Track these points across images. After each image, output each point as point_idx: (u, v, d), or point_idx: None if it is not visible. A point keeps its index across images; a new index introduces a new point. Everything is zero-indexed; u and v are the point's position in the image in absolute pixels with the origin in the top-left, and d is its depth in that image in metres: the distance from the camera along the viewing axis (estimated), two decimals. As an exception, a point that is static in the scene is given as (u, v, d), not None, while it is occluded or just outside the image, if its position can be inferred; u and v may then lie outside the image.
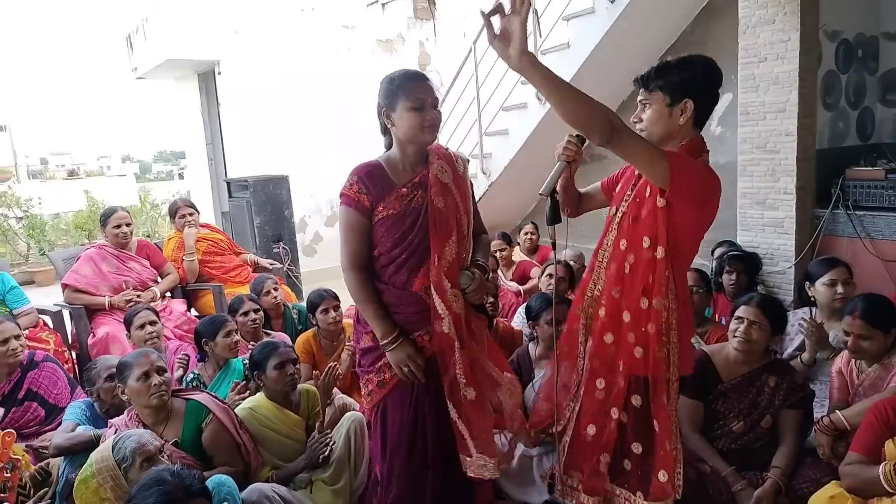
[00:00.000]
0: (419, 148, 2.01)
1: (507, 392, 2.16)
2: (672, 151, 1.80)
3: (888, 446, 1.97)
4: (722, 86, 1.89)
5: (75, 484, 2.09)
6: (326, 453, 2.50)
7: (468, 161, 2.18)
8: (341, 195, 1.99)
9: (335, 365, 2.89)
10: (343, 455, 2.57)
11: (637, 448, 1.91)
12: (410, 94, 1.92)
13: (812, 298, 3.08)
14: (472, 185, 2.16)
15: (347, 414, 2.72)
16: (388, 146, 2.07)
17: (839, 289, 2.95)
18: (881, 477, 1.89)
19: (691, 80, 1.82)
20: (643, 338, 1.86)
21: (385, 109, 1.97)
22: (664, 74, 1.83)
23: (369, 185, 1.98)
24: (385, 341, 1.98)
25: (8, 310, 3.80)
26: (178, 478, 1.69)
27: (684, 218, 1.81)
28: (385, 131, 2.05)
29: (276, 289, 3.95)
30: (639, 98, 1.89)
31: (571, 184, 2.12)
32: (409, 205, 1.98)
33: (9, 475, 1.96)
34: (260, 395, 2.68)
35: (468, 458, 2.01)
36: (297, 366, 2.69)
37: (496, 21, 1.57)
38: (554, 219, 1.90)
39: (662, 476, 1.85)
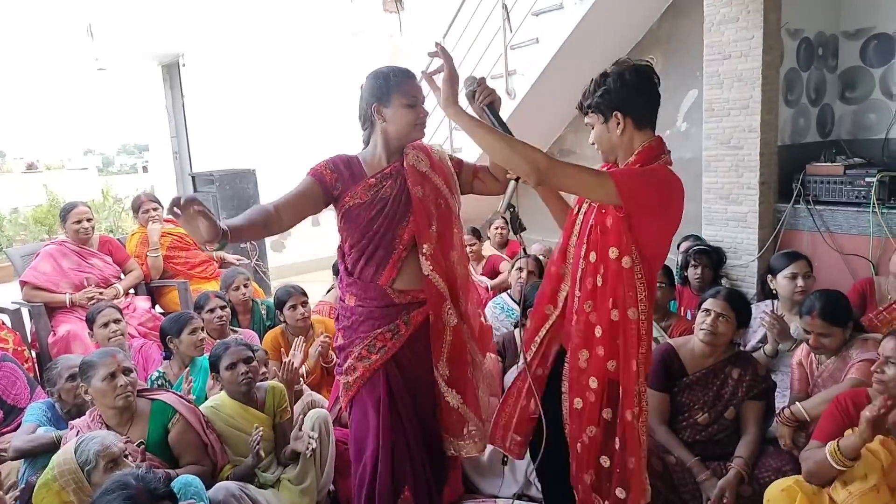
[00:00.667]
0: (404, 143, 2.04)
1: (484, 382, 2.18)
2: (615, 170, 1.83)
3: (847, 435, 2.02)
4: (658, 85, 1.90)
5: (36, 487, 2.04)
6: (257, 451, 2.42)
7: (442, 147, 2.19)
8: (309, 170, 2.03)
9: (290, 360, 2.86)
10: (300, 474, 2.52)
11: (605, 462, 1.92)
12: (406, 91, 1.96)
13: (774, 291, 3.16)
14: (457, 161, 2.16)
15: (311, 412, 2.69)
16: (367, 141, 2.08)
17: (799, 282, 3.04)
18: (827, 456, 1.95)
19: (610, 93, 1.84)
20: (615, 351, 1.85)
21: (376, 105, 1.97)
22: (590, 96, 1.89)
23: (342, 169, 2.01)
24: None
25: None
26: (143, 481, 1.65)
27: (646, 228, 1.79)
28: (368, 126, 2.05)
29: (246, 285, 3.90)
30: (586, 121, 1.94)
31: (551, 194, 2.12)
32: (377, 195, 1.99)
33: None
34: (223, 394, 2.64)
35: (455, 440, 2.11)
36: (254, 364, 2.62)
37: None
38: (516, 228, 1.88)
39: (620, 493, 1.88)
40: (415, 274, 2.02)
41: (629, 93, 1.83)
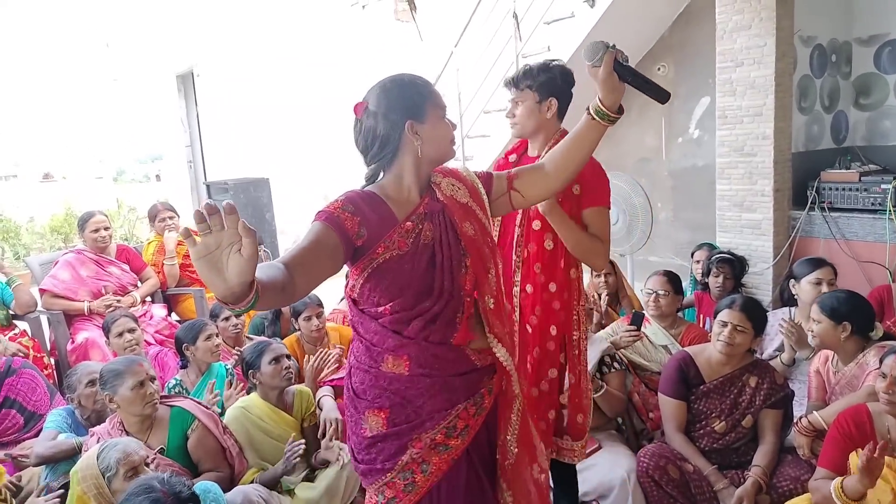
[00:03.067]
0: (434, 168, 1.60)
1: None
2: (600, 195, 2.12)
3: (852, 459, 2.00)
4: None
5: (71, 481, 2.07)
6: (296, 461, 2.45)
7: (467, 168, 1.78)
8: (317, 214, 1.48)
9: (315, 364, 2.94)
10: (332, 487, 2.51)
11: (563, 399, 2.18)
12: (439, 99, 1.58)
13: (795, 296, 3.12)
14: (486, 178, 1.70)
15: (346, 447, 2.67)
16: (373, 176, 1.58)
17: (824, 288, 2.98)
18: (832, 493, 1.91)
19: (553, 81, 2.10)
20: (566, 304, 2.15)
21: (410, 123, 1.50)
22: (531, 76, 2.10)
23: (365, 210, 1.49)
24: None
25: (5, 311, 3.75)
26: (167, 485, 1.69)
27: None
28: (389, 153, 1.54)
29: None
30: (510, 98, 2.15)
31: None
32: (418, 242, 1.52)
33: None
34: (253, 395, 2.66)
35: None
36: (292, 360, 2.69)
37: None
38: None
39: (580, 418, 2.18)
40: (482, 329, 1.60)
41: (566, 87, 2.13)
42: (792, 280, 3.13)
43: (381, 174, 1.59)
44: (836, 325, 2.49)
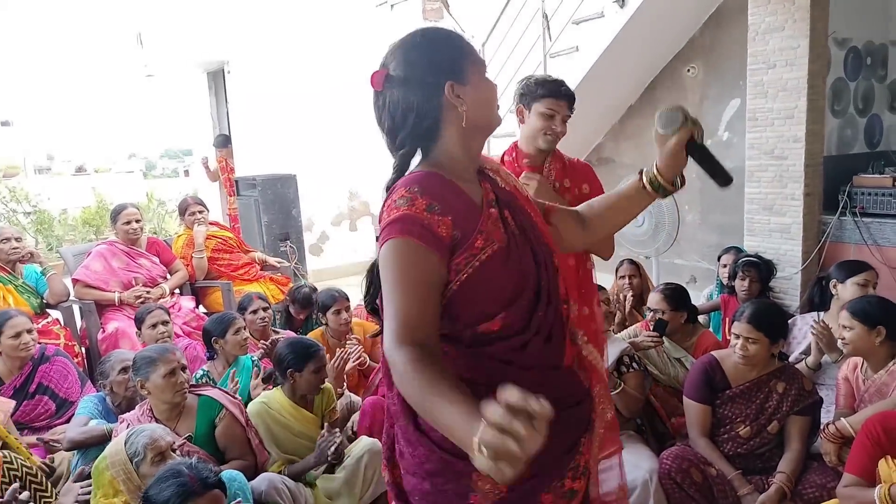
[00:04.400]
0: (483, 140, 1.31)
1: None
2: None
3: (882, 466, 1.97)
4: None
5: (94, 468, 2.12)
6: (333, 450, 2.49)
7: None
8: (393, 222, 1.13)
9: (345, 350, 3.00)
10: (351, 479, 2.54)
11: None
12: (478, 56, 1.33)
13: (834, 296, 3.06)
14: None
15: (365, 440, 2.68)
16: (404, 165, 1.25)
17: (870, 290, 2.94)
18: (877, 501, 1.88)
19: None
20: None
21: (451, 85, 1.21)
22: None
23: (451, 201, 1.18)
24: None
25: (39, 300, 3.85)
26: (195, 470, 1.72)
27: None
28: (430, 124, 1.23)
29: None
30: (567, 112, 2.17)
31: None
32: (511, 232, 1.23)
33: None
34: (276, 391, 2.69)
35: None
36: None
37: None
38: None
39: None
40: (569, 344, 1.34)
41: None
42: (833, 280, 3.06)
43: (416, 159, 1.25)
44: (869, 331, 2.45)
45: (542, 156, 2.23)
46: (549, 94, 2.13)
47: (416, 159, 1.27)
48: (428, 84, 1.20)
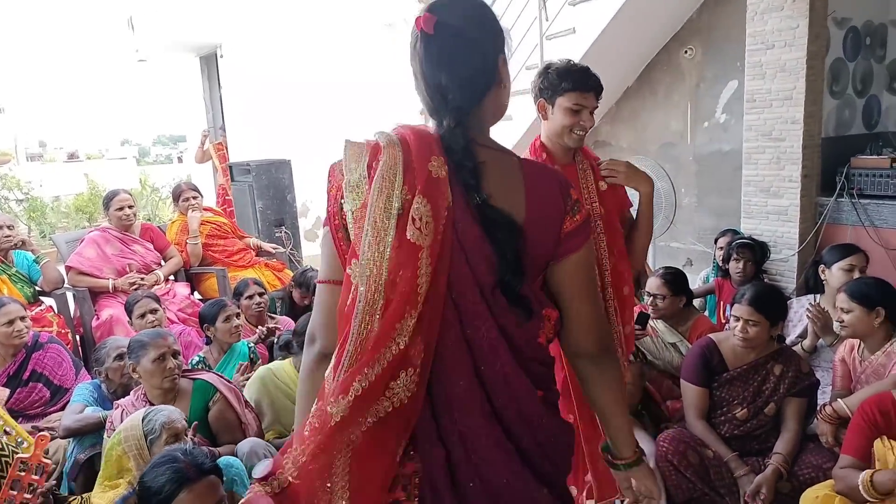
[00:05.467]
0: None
1: None
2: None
3: (877, 446, 1.97)
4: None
5: (108, 446, 2.12)
6: None
7: None
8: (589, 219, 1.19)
9: None
10: None
11: None
12: None
13: (823, 282, 3.06)
14: None
15: None
16: (459, 128, 1.14)
17: (856, 275, 2.91)
18: (860, 486, 1.88)
19: None
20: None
21: (503, 58, 1.20)
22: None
23: None
24: (634, 456, 1.26)
25: (32, 288, 3.82)
26: (190, 456, 1.72)
27: None
28: (479, 96, 1.16)
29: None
30: (594, 104, 1.96)
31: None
32: None
33: (36, 478, 1.98)
34: (286, 362, 2.71)
35: None
36: None
37: None
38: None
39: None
40: None
41: None
42: (822, 266, 3.06)
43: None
44: (868, 312, 2.44)
45: (571, 153, 2.04)
46: (575, 87, 1.90)
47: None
48: (486, 50, 1.14)
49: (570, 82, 1.91)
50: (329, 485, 1.00)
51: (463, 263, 1.05)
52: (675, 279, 3.07)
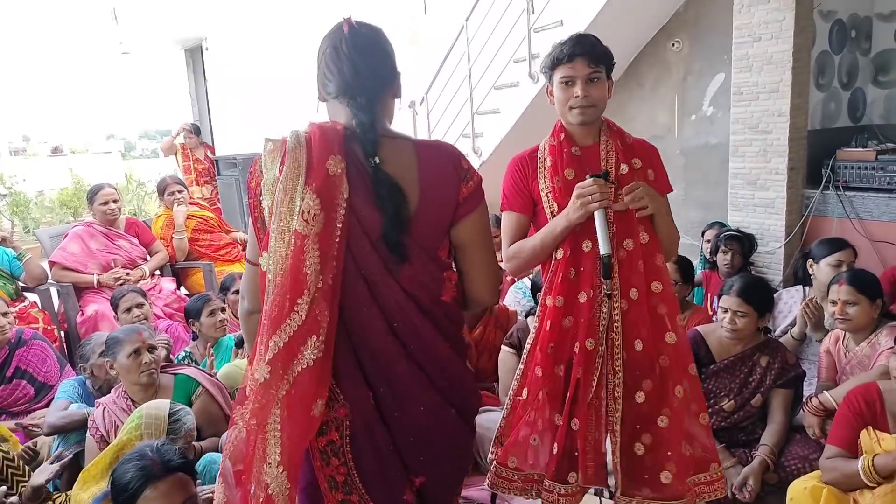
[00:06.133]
0: None
1: None
2: (663, 182, 1.94)
3: (863, 437, 1.98)
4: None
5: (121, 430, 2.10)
6: None
7: None
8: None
9: None
10: None
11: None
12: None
13: (811, 276, 3.06)
14: None
15: None
16: None
17: (843, 270, 2.93)
18: (860, 472, 1.89)
19: (611, 59, 1.87)
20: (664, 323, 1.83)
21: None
22: (602, 48, 1.83)
23: None
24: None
25: (14, 284, 3.77)
26: (158, 453, 1.69)
27: None
28: None
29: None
30: (586, 71, 1.79)
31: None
32: None
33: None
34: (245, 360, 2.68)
35: None
36: None
37: None
38: (608, 274, 1.74)
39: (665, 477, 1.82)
40: None
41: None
42: (809, 260, 3.06)
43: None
44: (871, 304, 2.47)
45: (592, 133, 1.88)
46: (559, 59, 1.81)
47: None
48: (392, 59, 1.43)
49: (554, 57, 1.84)
50: (265, 435, 1.25)
51: (365, 243, 1.26)
52: (684, 266, 3.11)
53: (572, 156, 1.85)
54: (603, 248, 1.71)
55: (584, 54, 1.78)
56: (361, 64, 1.34)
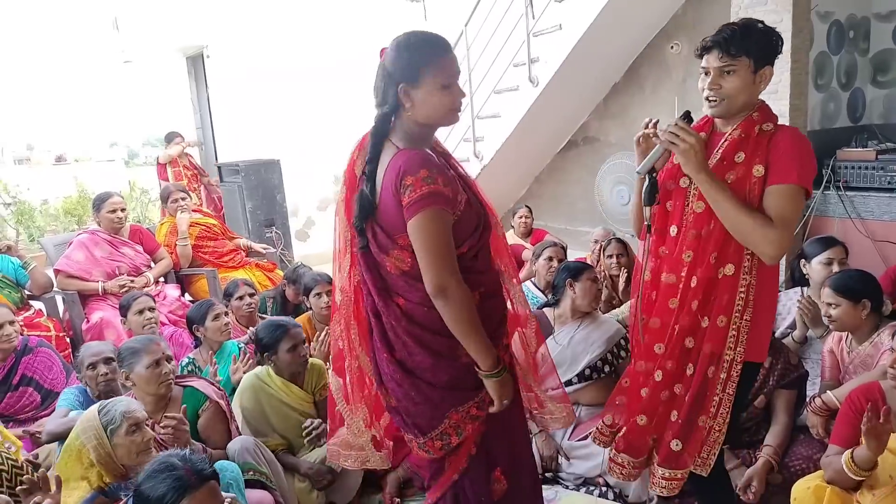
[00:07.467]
0: (430, 129, 1.75)
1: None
2: (795, 173, 1.72)
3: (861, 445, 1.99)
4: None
5: (59, 458, 2.07)
6: (314, 437, 2.57)
7: None
8: (431, 195, 1.58)
9: (326, 338, 2.99)
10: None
11: (674, 416, 1.88)
12: (444, 68, 1.65)
13: (806, 276, 3.08)
14: None
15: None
16: (383, 124, 1.70)
17: (835, 268, 2.88)
18: (843, 466, 1.90)
19: (773, 46, 1.75)
20: (709, 308, 1.77)
21: (404, 87, 1.64)
22: (749, 38, 1.71)
23: (445, 173, 1.66)
24: (496, 369, 1.69)
25: (20, 293, 3.79)
26: (189, 462, 1.64)
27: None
28: (386, 110, 1.68)
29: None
30: (718, 64, 1.74)
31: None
32: (465, 187, 1.75)
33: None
34: (268, 369, 2.70)
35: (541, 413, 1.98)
36: (306, 345, 2.73)
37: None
38: (651, 199, 1.74)
39: (676, 445, 1.86)
40: None
41: (777, 54, 1.77)
42: (802, 260, 3.07)
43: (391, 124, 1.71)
44: (855, 305, 2.46)
45: (727, 122, 1.83)
46: (698, 52, 1.80)
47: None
48: (391, 77, 1.66)
49: (699, 51, 1.80)
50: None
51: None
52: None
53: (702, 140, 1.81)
54: (638, 168, 1.82)
55: (716, 46, 1.74)
56: (376, 85, 1.71)
